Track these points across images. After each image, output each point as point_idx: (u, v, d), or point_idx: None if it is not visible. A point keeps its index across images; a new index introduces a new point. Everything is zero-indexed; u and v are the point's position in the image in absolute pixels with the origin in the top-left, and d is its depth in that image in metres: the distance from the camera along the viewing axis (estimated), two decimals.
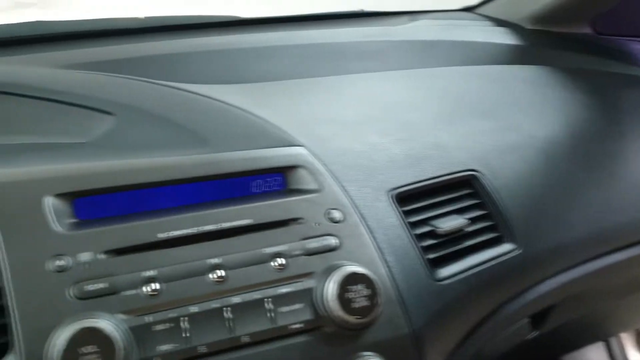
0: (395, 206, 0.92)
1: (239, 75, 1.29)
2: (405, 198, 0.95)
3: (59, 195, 0.80)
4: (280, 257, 0.80)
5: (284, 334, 0.76)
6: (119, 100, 1.02)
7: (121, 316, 0.72)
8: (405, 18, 1.73)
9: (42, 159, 0.90)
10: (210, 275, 0.77)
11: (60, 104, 1.02)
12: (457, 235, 0.95)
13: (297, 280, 0.79)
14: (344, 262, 0.81)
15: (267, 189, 0.90)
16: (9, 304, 0.70)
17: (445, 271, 0.90)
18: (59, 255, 0.74)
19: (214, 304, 0.75)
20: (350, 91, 1.20)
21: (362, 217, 0.88)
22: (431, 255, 0.91)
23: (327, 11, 1.77)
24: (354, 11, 1.75)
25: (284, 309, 0.77)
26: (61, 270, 0.73)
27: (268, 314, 0.76)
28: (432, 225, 0.93)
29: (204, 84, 1.15)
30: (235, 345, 0.74)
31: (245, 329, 0.75)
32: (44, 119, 1.00)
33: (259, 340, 0.75)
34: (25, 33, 1.35)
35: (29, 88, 1.02)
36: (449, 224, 0.94)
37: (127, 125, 0.99)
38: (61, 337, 0.66)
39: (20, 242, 0.74)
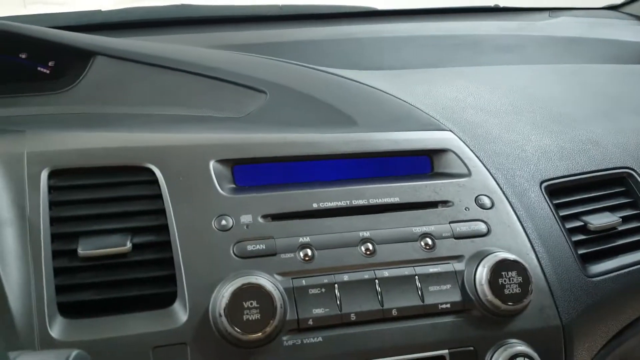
0: (547, 198, 0.90)
1: (378, 63, 1.31)
2: (557, 191, 0.92)
3: (221, 161, 0.84)
4: (428, 237, 0.81)
5: (432, 312, 0.76)
6: (271, 79, 1.06)
7: (278, 277, 0.75)
8: (544, 14, 1.69)
9: (201, 129, 0.96)
10: (361, 247, 0.79)
11: (216, 80, 1.07)
12: (608, 233, 0.91)
13: (446, 261, 0.79)
14: (494, 248, 0.80)
15: (414, 171, 0.91)
16: (177, 257, 0.75)
17: (598, 268, 0.87)
18: (223, 215, 0.78)
19: (365, 275, 0.77)
20: (492, 81, 1.18)
21: (512, 205, 0.86)
22: (582, 251, 0.88)
23: (461, 5, 1.76)
24: (489, 6, 1.73)
25: (433, 288, 0.77)
26: (225, 229, 0.77)
27: (417, 291, 0.77)
28: (584, 221, 0.90)
29: (346, 69, 1.18)
30: (384, 318, 0.75)
31: (395, 303, 0.76)
32: (199, 94, 1.06)
33: (407, 315, 0.76)
34: (170, 16, 1.43)
35: (186, 64, 1.08)
36: (601, 220, 0.90)
37: (279, 103, 1.02)
38: (227, 290, 0.70)
39: (188, 200, 0.79)
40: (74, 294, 0.73)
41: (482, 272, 0.76)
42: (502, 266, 0.76)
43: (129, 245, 0.75)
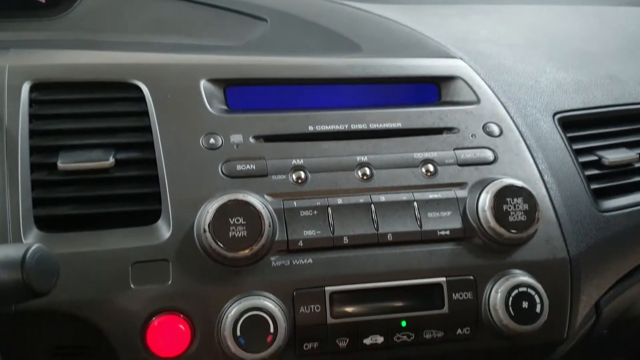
0: (560, 130, 0.84)
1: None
2: (571, 124, 0.86)
3: (213, 81, 0.80)
4: (430, 163, 0.76)
5: (430, 238, 0.72)
6: (272, 6, 1.01)
7: (269, 198, 0.71)
8: None
9: (195, 53, 0.91)
10: (357, 172, 0.74)
11: (215, 8, 1.02)
12: (625, 169, 0.85)
13: (448, 188, 0.75)
14: (500, 175, 0.75)
15: (420, 100, 0.85)
16: (162, 174, 0.71)
17: (611, 203, 0.82)
18: (212, 134, 0.74)
19: (361, 199, 0.72)
20: (509, 18, 1.13)
21: (522, 135, 0.81)
22: (595, 186, 0.82)
23: None
24: None
25: (432, 214, 0.73)
26: (213, 148, 0.73)
27: (415, 217, 0.72)
28: (598, 155, 0.84)
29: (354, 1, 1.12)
30: (379, 242, 0.71)
31: (390, 228, 0.71)
32: (198, 22, 1.01)
33: (403, 240, 0.71)
34: None
35: None
36: (617, 155, 0.85)
37: (280, 30, 0.97)
38: (212, 206, 0.66)
39: (176, 118, 0.75)
40: (52, 208, 0.70)
41: (486, 198, 0.72)
42: (507, 192, 0.71)
43: (111, 160, 0.71)
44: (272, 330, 0.65)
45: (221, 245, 0.65)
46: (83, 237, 0.68)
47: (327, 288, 0.69)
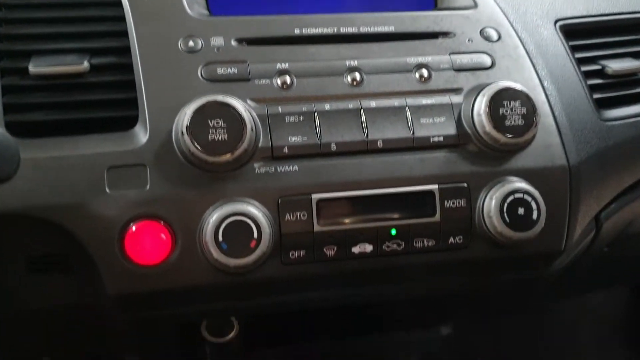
0: (562, 38, 0.80)
1: None
2: (574, 32, 0.82)
3: None
4: (424, 68, 0.72)
5: (422, 145, 0.68)
6: None
7: (252, 103, 0.67)
8: None
9: None
10: (347, 77, 0.70)
11: None
12: (629, 80, 0.81)
13: (443, 94, 0.71)
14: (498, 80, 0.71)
15: (415, 8, 0.81)
16: (138, 79, 0.68)
17: (614, 113, 0.78)
18: (191, 37, 0.70)
19: (350, 105, 0.69)
20: None
21: (522, 41, 0.76)
22: (598, 95, 0.78)
23: None
24: None
25: (425, 120, 0.69)
26: (192, 51, 0.69)
27: (407, 123, 0.69)
28: (602, 65, 0.80)
29: None
30: (368, 149, 0.67)
31: (381, 134, 0.68)
32: None
33: (394, 147, 0.68)
34: None
35: None
36: (621, 65, 0.80)
37: None
38: (190, 108, 0.63)
39: (153, 22, 0.71)
40: (24, 114, 0.66)
41: (481, 102, 0.68)
42: (504, 95, 0.68)
43: (86, 64, 0.67)
44: (255, 235, 0.62)
45: (200, 148, 0.62)
46: (57, 142, 0.65)
47: (313, 195, 0.66)
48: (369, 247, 0.67)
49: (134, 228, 0.63)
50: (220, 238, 0.62)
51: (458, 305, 0.93)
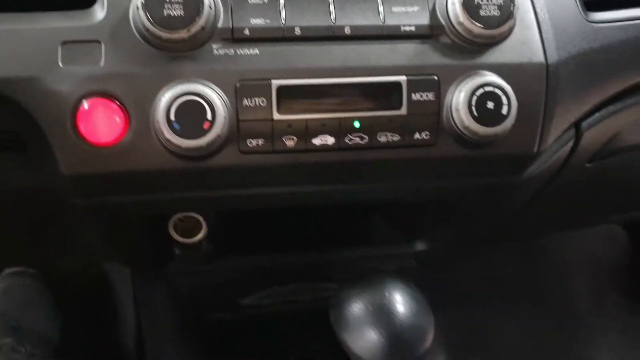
0: None
1: None
2: None
3: None
4: None
5: (393, 34, 0.65)
6: None
7: None
8: None
9: None
10: None
11: None
12: None
13: None
14: None
15: None
16: None
17: (603, 15, 0.73)
18: None
19: None
20: None
21: None
22: None
23: None
24: None
25: (397, 9, 0.65)
26: None
27: (378, 10, 0.65)
28: None
29: None
30: (335, 35, 0.64)
31: (349, 20, 0.65)
32: None
33: (362, 34, 0.65)
34: None
35: None
36: None
37: None
38: None
39: None
40: None
41: None
42: None
43: None
44: (209, 116, 0.60)
45: (155, 23, 0.60)
46: (13, 17, 0.63)
47: (274, 81, 0.63)
48: (330, 140, 0.65)
49: (86, 105, 0.61)
50: (173, 117, 0.60)
51: (435, 222, 0.91)
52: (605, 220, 1.33)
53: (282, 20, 0.64)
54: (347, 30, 0.65)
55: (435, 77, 0.65)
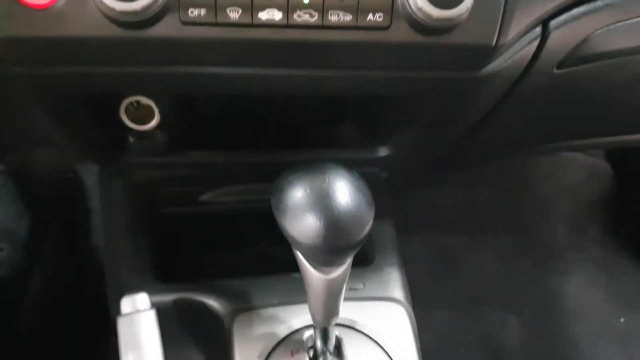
0: None
1: None
2: None
3: None
4: None
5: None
6: None
7: None
8: None
9: None
10: None
11: None
12: None
13: None
14: None
15: None
16: None
17: None
18: None
19: None
20: None
21: None
22: None
23: None
24: None
25: None
26: None
27: None
28: None
29: None
30: None
31: None
32: None
33: None
34: None
35: None
36: None
37: None
38: None
39: None
40: None
41: None
42: None
43: None
44: None
45: None
46: None
47: None
48: (278, 14, 0.62)
49: None
50: None
51: (397, 126, 0.89)
52: (579, 147, 1.30)
53: None
54: None
55: None
